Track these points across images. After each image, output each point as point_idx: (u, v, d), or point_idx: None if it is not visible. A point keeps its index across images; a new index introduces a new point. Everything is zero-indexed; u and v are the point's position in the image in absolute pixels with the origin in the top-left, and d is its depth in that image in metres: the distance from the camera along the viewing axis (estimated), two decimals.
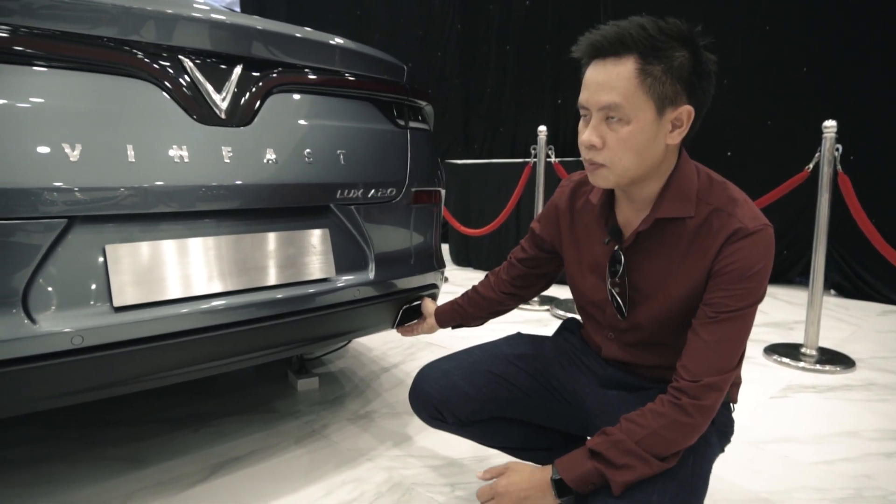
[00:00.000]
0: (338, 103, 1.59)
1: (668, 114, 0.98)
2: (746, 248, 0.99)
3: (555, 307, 3.47)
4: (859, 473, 1.64)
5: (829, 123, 2.51)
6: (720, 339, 0.99)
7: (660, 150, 1.01)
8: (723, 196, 1.04)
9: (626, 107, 0.96)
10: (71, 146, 1.12)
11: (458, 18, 6.24)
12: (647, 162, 1.01)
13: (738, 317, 1.00)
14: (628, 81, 0.95)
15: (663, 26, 0.96)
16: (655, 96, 0.96)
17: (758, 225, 1.00)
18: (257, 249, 1.40)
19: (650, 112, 0.97)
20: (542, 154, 3.49)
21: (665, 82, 0.95)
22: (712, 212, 1.03)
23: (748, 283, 0.99)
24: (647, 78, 0.95)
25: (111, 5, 1.20)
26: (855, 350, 2.73)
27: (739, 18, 4.11)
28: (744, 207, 1.02)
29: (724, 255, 1.01)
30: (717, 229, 1.02)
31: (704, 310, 1.02)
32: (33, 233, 1.09)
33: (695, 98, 0.99)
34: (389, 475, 1.59)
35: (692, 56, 0.96)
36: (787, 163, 3.42)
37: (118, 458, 1.65)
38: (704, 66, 0.98)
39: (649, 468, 0.97)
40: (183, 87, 1.28)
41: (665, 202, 1.05)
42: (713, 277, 1.02)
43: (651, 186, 1.06)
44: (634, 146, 0.98)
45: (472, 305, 1.47)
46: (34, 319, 1.09)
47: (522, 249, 1.38)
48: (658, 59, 0.95)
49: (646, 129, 0.98)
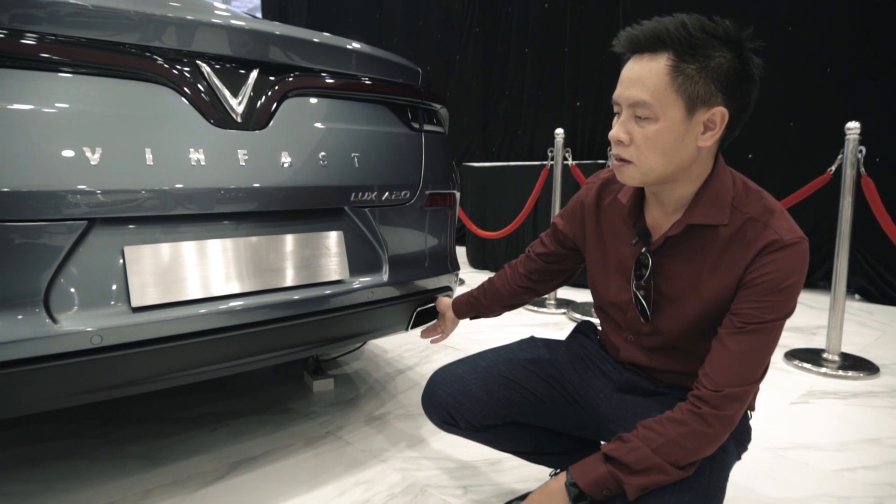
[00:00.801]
0: (353, 107, 1.60)
1: (700, 114, 0.95)
2: (780, 261, 0.97)
3: (572, 310, 3.45)
4: (881, 481, 1.60)
5: (851, 125, 2.46)
6: (745, 350, 0.97)
7: (689, 152, 0.98)
8: (759, 205, 1.02)
9: (654, 104, 0.95)
10: (91, 150, 1.14)
11: (476, 21, 6.25)
12: (675, 163, 0.99)
13: (766, 329, 0.98)
14: (658, 78, 0.94)
15: (706, 25, 0.94)
16: (686, 95, 0.94)
17: (794, 238, 0.98)
18: (273, 251, 1.42)
19: (679, 111, 0.95)
20: (559, 157, 3.48)
21: (698, 81, 0.93)
22: (747, 220, 1.01)
23: (779, 296, 0.97)
24: (678, 76, 0.93)
25: (133, 12, 1.22)
26: (879, 355, 2.67)
27: (761, 19, 4.06)
28: (780, 219, 1.00)
29: (756, 265, 0.99)
30: (751, 239, 1.00)
31: (732, 319, 1.00)
32: (55, 234, 1.12)
33: (732, 101, 0.96)
34: (402, 476, 1.60)
35: (735, 58, 0.94)
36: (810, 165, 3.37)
37: (136, 455, 1.68)
38: (747, 69, 0.95)
39: (666, 476, 0.96)
40: (201, 92, 1.31)
41: (699, 208, 1.03)
42: (743, 287, 1.00)
43: (682, 190, 1.04)
44: (661, 145, 0.97)
45: (488, 297, 1.47)
46: (55, 319, 1.12)
47: (542, 244, 1.37)
48: (694, 57, 0.93)
49: (673, 129, 0.96)
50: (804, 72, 3.98)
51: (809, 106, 3.99)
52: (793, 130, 4.07)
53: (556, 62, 5.49)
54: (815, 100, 3.97)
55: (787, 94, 4.05)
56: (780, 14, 4.02)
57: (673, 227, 1.06)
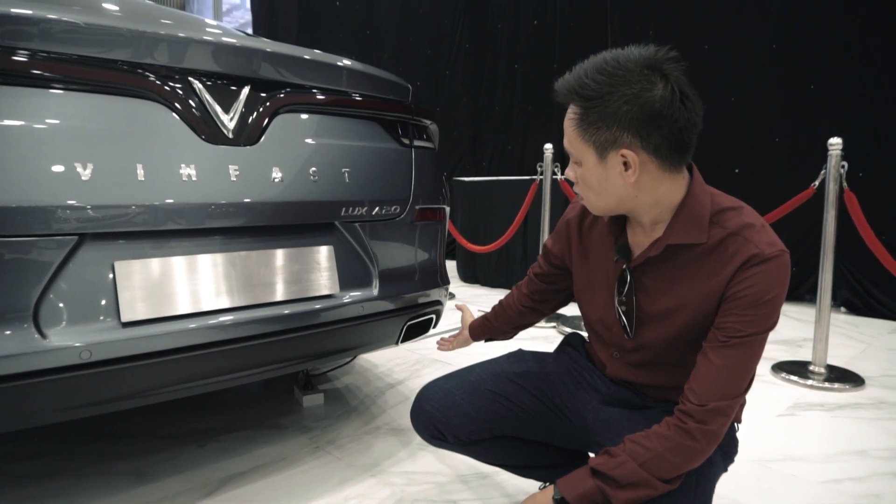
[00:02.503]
0: (343, 123, 1.62)
1: (612, 157, 0.99)
2: (762, 274, 0.98)
3: (561, 324, 3.46)
4: (868, 493, 1.62)
5: (834, 141, 2.51)
6: (730, 363, 0.98)
7: (622, 188, 1.02)
8: (738, 220, 1.03)
9: (574, 152, 1.04)
10: (83, 165, 1.15)
11: (466, 37, 6.31)
12: (614, 198, 1.04)
13: (749, 342, 0.99)
14: (570, 129, 1.03)
15: (607, 69, 0.96)
16: (593, 142, 1.00)
17: (774, 251, 0.99)
18: (263, 266, 1.42)
19: (592, 156, 1.01)
20: (548, 171, 3.51)
21: (601, 128, 0.98)
22: (727, 236, 1.02)
23: (762, 310, 0.98)
24: (582, 124, 1.00)
25: (125, 29, 1.24)
26: (864, 368, 2.70)
27: (747, 37, 4.14)
28: (760, 232, 1.01)
29: (738, 279, 1.00)
30: (731, 253, 1.01)
31: (716, 333, 1.01)
32: (45, 249, 1.12)
33: (645, 139, 0.96)
34: (393, 491, 1.59)
35: (638, 95, 0.94)
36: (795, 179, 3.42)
37: (125, 472, 1.67)
38: (651, 107, 0.94)
39: (653, 490, 0.96)
40: (192, 108, 1.32)
41: (676, 228, 1.04)
42: (726, 302, 1.01)
43: (650, 214, 1.06)
44: (591, 185, 1.05)
45: (499, 319, 1.48)
46: (44, 334, 1.12)
47: (539, 265, 1.39)
48: (593, 107, 0.98)
49: (594, 171, 1.02)
50: (789, 89, 4.06)
51: (794, 122, 4.06)
52: (778, 146, 4.13)
53: (545, 78, 5.56)
54: (799, 116, 4.03)
55: (773, 111, 4.12)
56: (766, 32, 4.10)
57: (653, 248, 1.07)
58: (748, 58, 4.13)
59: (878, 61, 3.69)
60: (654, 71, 0.96)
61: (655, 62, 0.96)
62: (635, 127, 0.96)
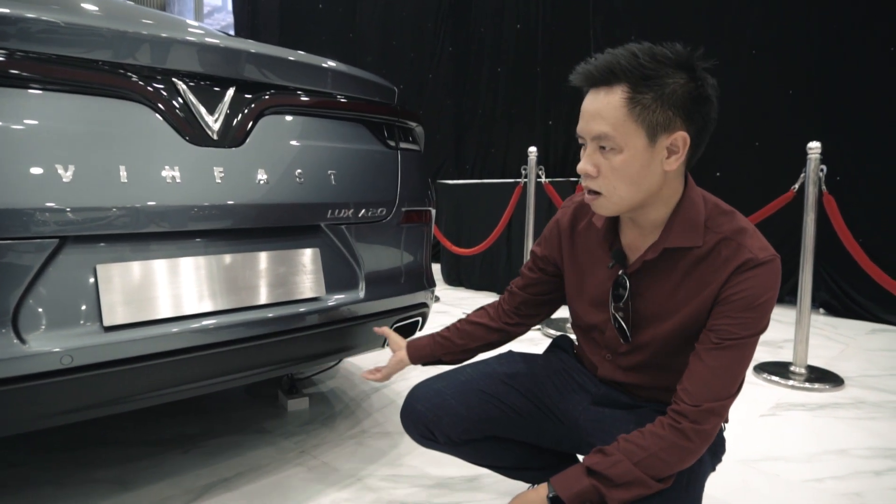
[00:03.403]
0: (329, 124, 1.61)
1: (662, 140, 0.98)
2: (755, 279, 1.00)
3: (546, 326, 3.47)
4: (849, 491, 1.64)
5: (813, 145, 2.55)
6: (722, 365, 1.00)
7: (657, 177, 1.01)
8: (732, 225, 1.05)
9: (617, 136, 0.97)
10: (64, 167, 1.13)
11: (449, 41, 6.32)
12: (644, 189, 1.01)
13: (742, 345, 1.00)
14: (617, 111, 0.96)
15: (657, 52, 0.97)
16: (646, 124, 0.96)
17: (767, 256, 1.01)
18: (248, 269, 1.41)
19: (641, 140, 0.97)
20: (532, 174, 3.53)
21: (656, 109, 0.96)
22: (721, 240, 1.04)
23: (754, 313, 1.00)
24: (636, 106, 0.96)
25: (105, 29, 1.22)
26: (844, 368, 2.75)
27: (726, 43, 4.19)
28: (753, 238, 1.03)
29: (732, 283, 1.01)
30: (725, 258, 1.02)
31: (708, 335, 1.02)
32: (25, 253, 1.10)
33: (692, 123, 0.99)
34: (379, 496, 1.58)
35: (688, 81, 0.96)
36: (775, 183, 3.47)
37: (106, 479, 1.64)
38: (702, 91, 0.98)
39: (647, 489, 0.97)
40: (176, 109, 1.30)
41: (674, 231, 1.05)
42: (719, 305, 1.03)
43: (655, 212, 1.06)
44: (628, 175, 0.99)
45: (465, 337, 1.37)
46: (24, 339, 1.09)
47: (523, 276, 1.35)
48: (648, 86, 0.95)
49: (638, 157, 0.98)
50: (768, 94, 4.12)
51: (774, 126, 4.12)
52: (758, 150, 4.19)
53: (528, 81, 5.58)
54: (779, 121, 4.10)
55: (753, 115, 4.18)
56: (745, 39, 4.16)
57: (649, 252, 1.08)
58: (728, 63, 4.18)
59: (855, 68, 3.76)
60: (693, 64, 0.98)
61: (692, 57, 0.98)
62: (687, 110, 0.97)
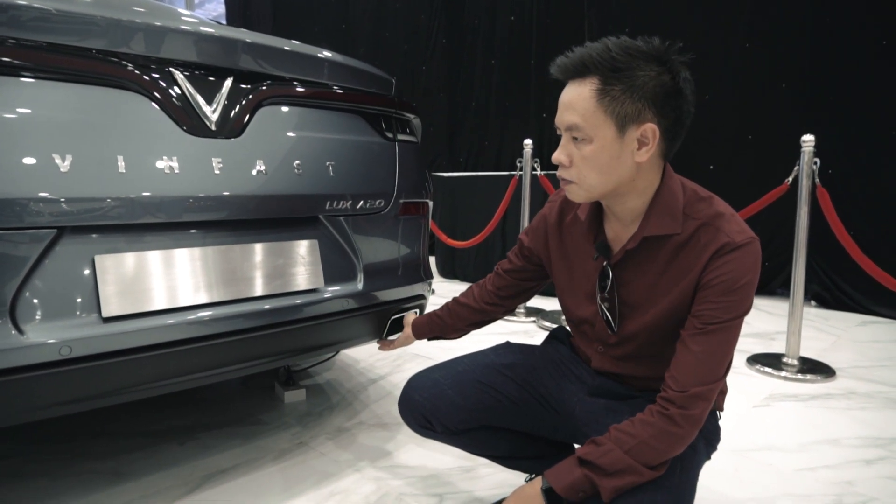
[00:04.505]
0: (327, 116, 1.61)
1: (631, 132, 0.99)
2: (734, 262, 1.01)
3: (541, 318, 3.49)
4: (841, 480, 1.66)
5: (807, 138, 2.57)
6: (707, 349, 1.01)
7: (627, 168, 1.03)
8: (710, 210, 1.06)
9: (586, 127, 1.00)
10: (62, 157, 1.12)
11: (443, 33, 6.30)
12: (615, 179, 1.03)
13: (726, 328, 1.01)
14: (587, 102, 0.99)
15: (630, 45, 0.98)
16: (615, 115, 0.98)
17: (745, 238, 1.02)
18: (246, 260, 1.40)
19: (611, 131, 0.99)
20: (527, 167, 3.53)
21: (625, 101, 0.98)
22: (700, 226, 1.05)
23: (735, 296, 1.01)
24: (605, 97, 0.98)
25: (102, 17, 1.20)
26: (835, 359, 2.78)
27: (720, 36, 4.20)
28: (731, 222, 1.04)
29: (711, 268, 1.03)
30: (704, 243, 1.04)
31: (692, 321, 1.04)
32: (22, 243, 1.09)
33: (663, 116, 1.00)
34: (377, 486, 1.59)
35: (660, 73, 0.98)
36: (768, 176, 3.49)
37: (102, 471, 1.63)
38: (674, 84, 0.99)
39: (640, 476, 0.98)
40: (174, 99, 1.29)
41: (652, 220, 1.07)
42: (701, 290, 1.04)
43: (632, 202, 1.08)
44: (597, 164, 1.02)
45: (454, 317, 1.46)
46: (22, 330, 1.09)
47: (510, 261, 1.39)
48: (618, 78, 0.97)
49: (608, 148, 1.00)
50: (761, 87, 4.13)
51: (767, 120, 4.14)
52: (751, 143, 4.21)
53: (522, 73, 5.58)
54: (771, 114, 4.11)
55: (746, 108, 4.20)
56: (738, 32, 4.17)
57: (630, 241, 1.09)
58: (722, 56, 4.20)
59: (847, 62, 3.78)
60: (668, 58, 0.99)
61: (667, 51, 0.99)
62: (658, 103, 0.98)
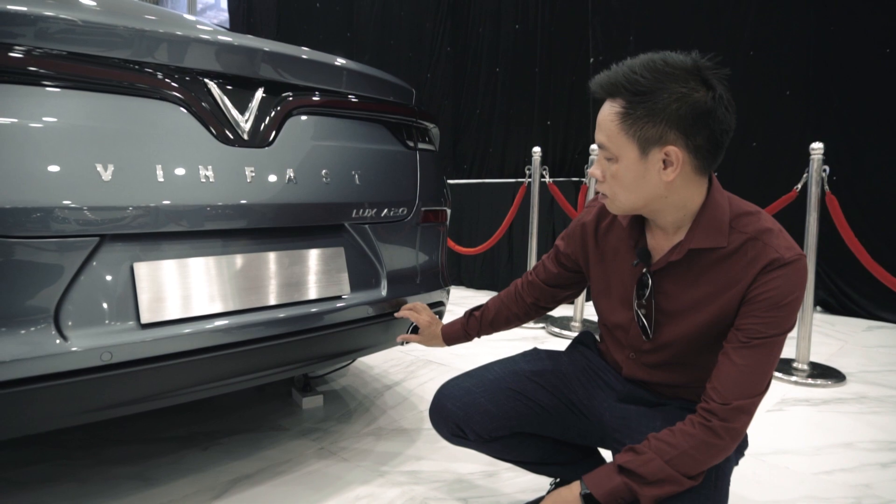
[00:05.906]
0: (352, 125, 1.63)
1: (655, 154, 1.01)
2: (782, 278, 1.02)
3: (550, 324, 3.51)
4: (858, 483, 1.69)
5: (816, 145, 2.60)
6: (751, 363, 1.02)
7: (655, 187, 1.04)
8: (758, 225, 1.06)
9: (612, 147, 1.03)
10: (104, 166, 1.15)
11: (448, 40, 6.34)
12: (644, 196, 1.05)
13: (770, 343, 1.02)
14: (612, 123, 1.02)
15: (658, 65, 0.98)
16: (637, 137, 1.00)
17: (793, 255, 1.02)
18: (278, 267, 1.43)
19: (633, 152, 1.02)
20: (536, 174, 3.56)
21: (645, 125, 0.99)
22: (747, 240, 1.05)
23: (781, 312, 1.02)
24: (627, 119, 1.00)
25: (143, 31, 1.23)
26: (844, 364, 2.80)
27: (724, 44, 4.24)
28: (779, 237, 1.04)
29: (759, 283, 1.03)
30: (751, 258, 1.04)
31: (736, 334, 1.04)
32: (66, 251, 1.11)
33: (691, 137, 0.99)
34: (402, 490, 1.61)
35: (687, 94, 0.97)
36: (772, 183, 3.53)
37: (128, 476, 1.65)
38: (705, 104, 0.98)
39: (679, 486, 1.00)
40: (208, 110, 1.32)
41: (698, 232, 1.07)
42: (746, 304, 1.04)
43: (672, 216, 1.09)
44: (625, 183, 1.05)
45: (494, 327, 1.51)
46: (65, 336, 1.11)
47: (545, 268, 1.40)
48: (641, 102, 0.99)
49: (632, 168, 1.03)
50: (766, 94, 4.17)
51: (771, 127, 4.17)
52: (756, 150, 4.25)
53: (526, 82, 5.61)
54: (776, 121, 4.15)
55: (750, 116, 4.23)
56: (743, 39, 4.21)
57: (675, 253, 1.10)
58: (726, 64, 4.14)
59: (851, 69, 3.82)
60: (702, 75, 0.99)
61: (704, 67, 1.00)
62: (683, 125, 0.99)
